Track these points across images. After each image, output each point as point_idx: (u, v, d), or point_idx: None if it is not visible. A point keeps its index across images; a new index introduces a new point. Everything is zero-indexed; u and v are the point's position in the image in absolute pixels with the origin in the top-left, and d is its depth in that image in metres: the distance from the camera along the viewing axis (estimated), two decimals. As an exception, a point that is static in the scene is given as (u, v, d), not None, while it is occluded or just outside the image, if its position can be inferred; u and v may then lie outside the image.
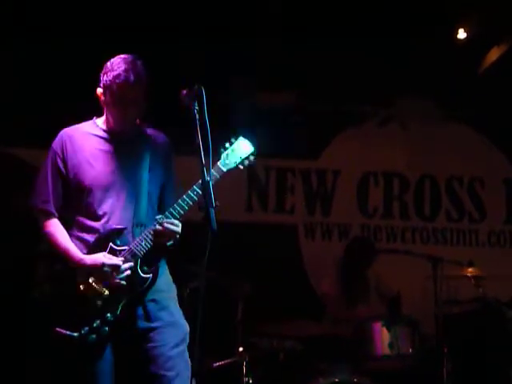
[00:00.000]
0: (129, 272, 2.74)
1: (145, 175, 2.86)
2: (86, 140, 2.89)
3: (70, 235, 2.83)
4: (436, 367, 4.18)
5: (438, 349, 4.21)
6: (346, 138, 5.92)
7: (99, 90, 2.86)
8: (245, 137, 2.89)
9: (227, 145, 2.87)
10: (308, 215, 5.82)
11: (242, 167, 2.88)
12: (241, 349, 4.08)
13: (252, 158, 2.89)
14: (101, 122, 2.96)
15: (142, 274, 2.78)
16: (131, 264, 2.75)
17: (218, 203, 2.49)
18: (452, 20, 5.02)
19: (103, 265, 2.70)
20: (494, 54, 5.38)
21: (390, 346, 4.10)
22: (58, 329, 2.67)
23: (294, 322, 4.41)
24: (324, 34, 5.01)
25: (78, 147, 2.87)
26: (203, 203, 2.47)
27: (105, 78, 2.81)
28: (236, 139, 2.87)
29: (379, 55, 5.25)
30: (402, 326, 4.20)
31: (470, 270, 4.53)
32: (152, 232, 2.75)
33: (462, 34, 5.09)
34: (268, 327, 4.38)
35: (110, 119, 2.89)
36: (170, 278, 2.98)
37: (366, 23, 4.91)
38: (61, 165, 2.86)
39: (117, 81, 2.77)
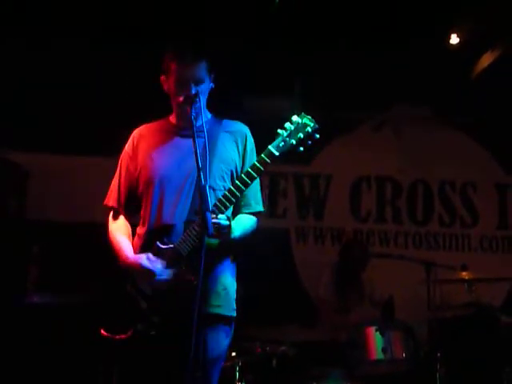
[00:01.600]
0: (166, 277, 2.61)
1: (211, 167, 2.65)
2: (152, 135, 2.85)
3: (135, 233, 2.80)
4: (429, 372, 4.18)
5: (432, 353, 4.21)
6: (339, 143, 5.92)
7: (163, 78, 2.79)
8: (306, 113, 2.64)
9: (287, 124, 2.62)
10: (300, 219, 5.82)
11: (302, 148, 2.60)
12: (233, 354, 4.05)
13: (317, 136, 2.60)
14: (172, 115, 2.89)
15: (186, 276, 2.60)
16: (173, 271, 2.61)
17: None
18: (445, 25, 5.03)
19: (141, 267, 2.62)
20: (486, 60, 5.39)
21: (384, 350, 4.10)
22: (102, 331, 2.62)
23: (286, 326, 4.38)
24: (319, 40, 5.01)
25: (145, 143, 2.83)
26: (199, 208, 2.42)
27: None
28: (298, 116, 2.62)
29: (373, 61, 5.27)
30: (396, 331, 4.21)
31: (463, 274, 4.52)
32: (196, 228, 2.57)
33: (454, 40, 5.10)
34: (260, 332, 4.35)
35: (174, 109, 2.82)
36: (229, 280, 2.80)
37: (362, 30, 4.92)
38: (129, 162, 2.84)
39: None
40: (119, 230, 2.82)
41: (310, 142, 2.60)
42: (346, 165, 5.87)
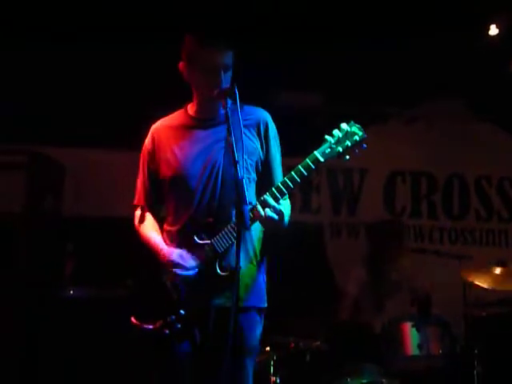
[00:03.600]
0: (194, 271, 2.59)
1: (236, 158, 2.50)
2: (172, 130, 2.79)
3: (162, 229, 2.78)
4: (466, 369, 4.12)
5: (469, 350, 4.15)
6: (372, 136, 5.80)
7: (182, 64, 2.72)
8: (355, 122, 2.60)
9: (335, 131, 2.58)
10: (334, 215, 5.78)
11: (348, 157, 2.57)
12: (267, 348, 4.07)
13: (365, 146, 2.57)
14: (190, 105, 2.83)
15: (219, 272, 2.59)
16: (203, 266, 2.60)
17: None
18: (483, 16, 4.94)
19: (171, 260, 2.60)
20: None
21: (420, 346, 4.06)
22: (133, 319, 2.63)
23: (319, 322, 4.38)
24: (349, 34, 4.97)
25: (165, 139, 2.77)
26: (235, 200, 2.37)
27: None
28: (348, 124, 2.59)
29: (406, 54, 5.20)
30: (432, 327, 4.16)
31: (500, 270, 4.44)
32: (233, 225, 2.53)
33: (493, 31, 5.00)
34: (293, 327, 4.35)
35: (196, 100, 2.76)
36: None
37: (393, 22, 4.86)
38: (150, 159, 2.80)
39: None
40: (149, 227, 2.80)
41: (357, 151, 2.57)
42: (380, 159, 5.80)
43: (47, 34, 4.83)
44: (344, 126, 2.59)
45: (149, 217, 2.83)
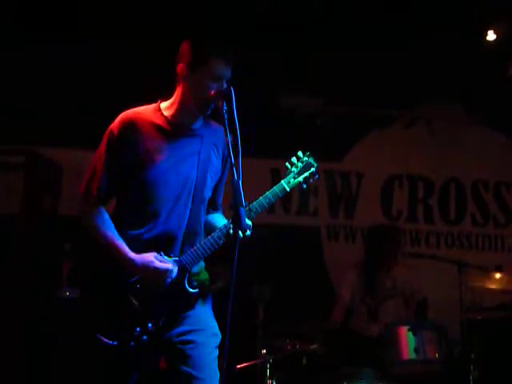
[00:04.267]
0: (172, 278, 2.55)
1: (206, 176, 2.65)
2: (147, 126, 2.63)
3: (118, 232, 2.58)
4: (462, 373, 4.13)
5: (465, 354, 4.15)
6: (370, 140, 5.88)
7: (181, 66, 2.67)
8: (310, 151, 2.78)
9: (294, 160, 2.76)
10: (331, 217, 5.79)
11: (305, 186, 2.75)
12: (264, 351, 4.06)
13: (317, 176, 2.77)
14: (166, 107, 2.72)
15: (189, 290, 2.59)
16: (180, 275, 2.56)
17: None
18: (481, 21, 4.96)
19: (155, 269, 2.50)
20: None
21: (416, 350, 4.05)
22: (98, 335, 2.50)
23: (315, 324, 4.37)
24: (350, 37, 4.98)
25: (137, 131, 2.62)
26: (233, 202, 2.36)
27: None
28: (304, 154, 2.77)
29: (406, 57, 5.21)
30: (428, 331, 4.16)
31: (497, 275, 4.45)
32: (208, 243, 2.57)
33: (491, 36, 5.02)
34: (289, 330, 4.35)
35: (181, 105, 2.67)
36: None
37: (393, 25, 4.88)
38: (115, 146, 2.60)
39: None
40: (108, 225, 2.59)
41: (311, 181, 2.76)
42: (378, 162, 5.82)
43: (47, 34, 4.84)
44: (301, 155, 2.77)
45: (105, 213, 2.62)
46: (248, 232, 2.54)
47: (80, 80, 5.08)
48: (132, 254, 2.53)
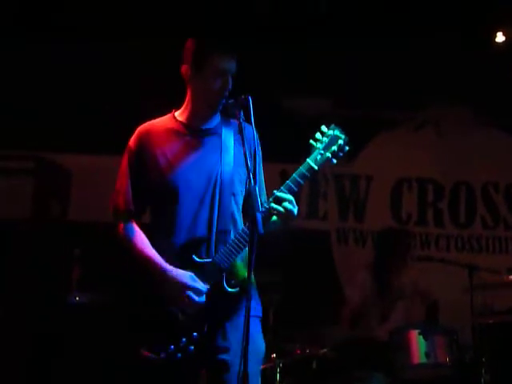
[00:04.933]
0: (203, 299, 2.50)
1: (231, 170, 2.59)
2: (162, 133, 2.65)
3: (153, 243, 2.58)
4: (474, 377, 4.10)
5: (476, 359, 4.12)
6: (380, 142, 5.86)
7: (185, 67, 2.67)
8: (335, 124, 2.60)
9: (318, 135, 2.59)
10: (341, 221, 5.77)
11: (335, 161, 2.58)
12: (274, 355, 4.05)
13: (347, 148, 2.59)
14: (180, 113, 2.73)
15: (228, 289, 2.51)
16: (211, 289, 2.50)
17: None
18: (491, 23, 4.94)
19: (187, 286, 2.47)
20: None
21: (427, 354, 4.03)
22: (143, 351, 2.46)
23: (325, 328, 4.36)
24: (358, 39, 4.97)
25: (154, 141, 2.63)
26: (249, 208, 2.33)
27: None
28: (328, 128, 2.59)
29: (416, 59, 5.19)
30: (439, 335, 4.13)
31: (510, 277, 4.41)
32: (240, 237, 2.50)
33: (500, 38, 5.00)
34: (299, 334, 4.34)
35: (194, 106, 2.68)
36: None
37: (403, 27, 4.86)
38: (138, 162, 2.63)
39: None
40: (142, 238, 2.60)
41: (341, 155, 2.59)
42: (387, 165, 5.80)
43: (47, 34, 4.85)
44: (326, 130, 2.60)
45: (137, 228, 2.64)
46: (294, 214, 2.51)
47: (90, 87, 5.11)
48: (168, 266, 2.52)
